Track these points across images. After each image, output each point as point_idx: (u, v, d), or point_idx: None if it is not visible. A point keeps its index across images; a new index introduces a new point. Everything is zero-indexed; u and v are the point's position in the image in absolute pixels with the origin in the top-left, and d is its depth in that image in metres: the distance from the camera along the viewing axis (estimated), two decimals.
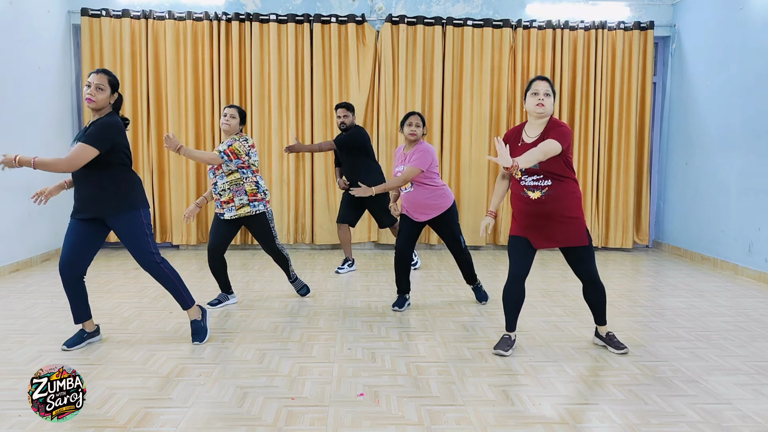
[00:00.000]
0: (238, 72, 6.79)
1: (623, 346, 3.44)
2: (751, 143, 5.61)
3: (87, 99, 3.24)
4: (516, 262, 3.39)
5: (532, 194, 3.23)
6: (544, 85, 3.22)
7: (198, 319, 3.61)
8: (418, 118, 4.28)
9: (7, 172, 5.08)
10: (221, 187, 4.17)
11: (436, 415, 2.62)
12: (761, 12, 5.50)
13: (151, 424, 2.52)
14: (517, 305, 3.45)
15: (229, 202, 4.19)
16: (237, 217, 4.23)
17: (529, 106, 3.26)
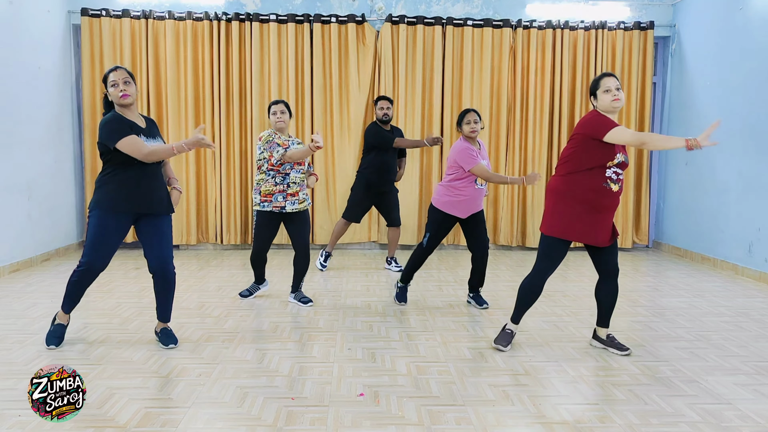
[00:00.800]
0: (238, 72, 6.79)
1: (626, 348, 3.44)
2: (751, 143, 5.61)
3: (122, 95, 3.23)
4: (550, 262, 3.39)
5: (614, 186, 3.25)
6: (614, 80, 3.25)
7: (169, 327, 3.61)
8: (476, 115, 4.29)
9: (9, 168, 5.07)
10: (293, 179, 4.29)
11: (436, 415, 2.62)
12: (761, 12, 5.50)
13: (151, 424, 2.52)
14: (533, 301, 3.48)
15: (295, 195, 4.31)
16: (297, 211, 4.33)
17: (606, 103, 3.24)
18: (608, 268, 3.40)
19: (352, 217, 5.75)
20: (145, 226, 3.39)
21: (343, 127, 6.89)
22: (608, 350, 3.48)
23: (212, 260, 6.31)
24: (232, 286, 5.06)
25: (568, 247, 3.37)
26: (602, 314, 3.50)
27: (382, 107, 5.57)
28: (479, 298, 4.48)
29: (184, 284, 5.12)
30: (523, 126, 7.01)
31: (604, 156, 3.20)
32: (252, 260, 4.53)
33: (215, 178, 6.85)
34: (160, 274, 3.43)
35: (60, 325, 3.51)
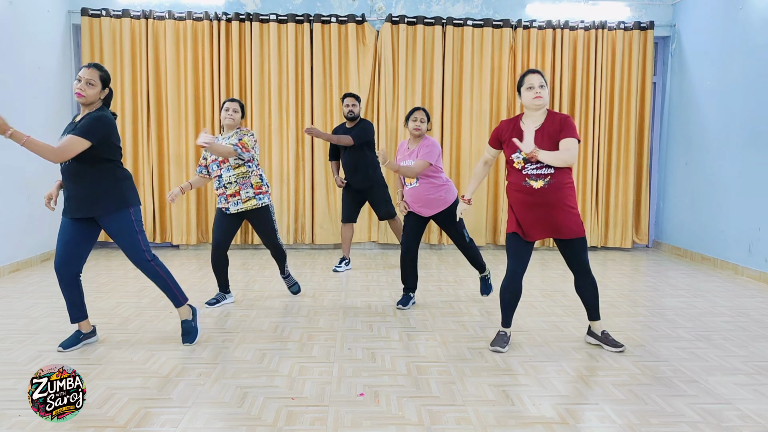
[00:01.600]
0: (238, 72, 6.79)
1: (620, 344, 3.45)
2: (751, 143, 5.61)
3: (76, 93, 3.22)
4: (514, 259, 3.42)
5: (534, 183, 3.25)
6: (538, 77, 3.28)
7: (189, 319, 3.60)
8: (423, 113, 4.30)
9: (9, 169, 5.08)
10: (227, 179, 4.18)
11: (436, 415, 2.62)
12: (761, 12, 5.50)
13: (151, 424, 2.52)
14: (514, 302, 3.48)
15: (236, 195, 4.20)
16: (243, 211, 4.24)
17: (527, 100, 3.30)
18: (577, 268, 3.43)
19: (345, 218, 5.77)
20: (104, 228, 3.38)
21: None
22: (603, 347, 3.48)
23: None
24: (232, 286, 5.06)
25: (525, 243, 3.39)
26: (588, 308, 3.53)
27: (347, 104, 5.55)
28: (484, 282, 4.62)
29: (184, 284, 5.10)
30: None
31: (506, 157, 3.38)
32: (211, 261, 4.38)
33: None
34: (139, 268, 3.44)
35: (77, 332, 3.51)
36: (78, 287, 3.44)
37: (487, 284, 4.63)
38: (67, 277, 3.38)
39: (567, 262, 3.46)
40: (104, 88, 3.30)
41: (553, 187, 3.24)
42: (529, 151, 3.13)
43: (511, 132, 3.37)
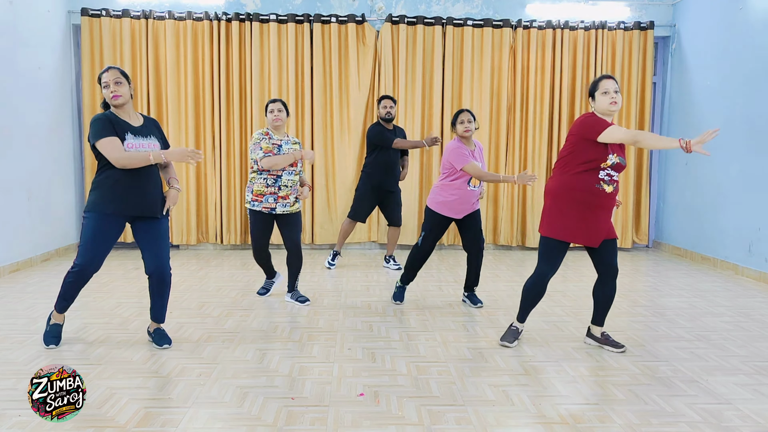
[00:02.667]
0: (238, 72, 6.79)
1: (621, 345, 3.45)
2: (751, 143, 5.61)
3: (113, 96, 3.23)
4: (550, 264, 3.40)
5: (607, 188, 3.27)
6: (613, 83, 3.27)
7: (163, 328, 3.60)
8: (470, 115, 4.29)
9: (9, 168, 5.09)
10: (285, 182, 4.26)
11: (436, 415, 2.62)
12: (761, 12, 5.50)
13: (151, 424, 2.52)
14: (536, 301, 3.51)
15: (286, 198, 4.28)
16: (288, 213, 4.34)
17: (603, 105, 3.27)
18: (606, 268, 3.41)
19: (357, 216, 5.77)
20: (141, 229, 3.39)
21: (343, 127, 6.89)
22: (604, 348, 3.49)
23: (212, 260, 6.31)
24: (232, 286, 5.06)
25: (566, 248, 3.39)
26: (598, 313, 3.52)
27: (385, 106, 5.59)
28: (473, 297, 4.50)
29: (184, 284, 5.12)
30: (523, 126, 7.01)
31: (597, 157, 3.23)
32: (256, 259, 4.59)
33: (215, 178, 6.85)
34: (157, 277, 3.42)
35: (56, 325, 3.50)
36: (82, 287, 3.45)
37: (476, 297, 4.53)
38: (89, 277, 3.36)
39: (600, 266, 3.43)
40: (130, 84, 3.33)
41: (615, 194, 3.33)
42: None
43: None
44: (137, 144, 3.26)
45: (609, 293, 3.45)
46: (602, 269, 3.42)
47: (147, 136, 3.34)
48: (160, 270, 3.40)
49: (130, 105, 3.34)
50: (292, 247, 4.43)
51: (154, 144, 3.33)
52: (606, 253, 3.39)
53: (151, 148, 3.30)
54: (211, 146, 6.82)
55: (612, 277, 3.42)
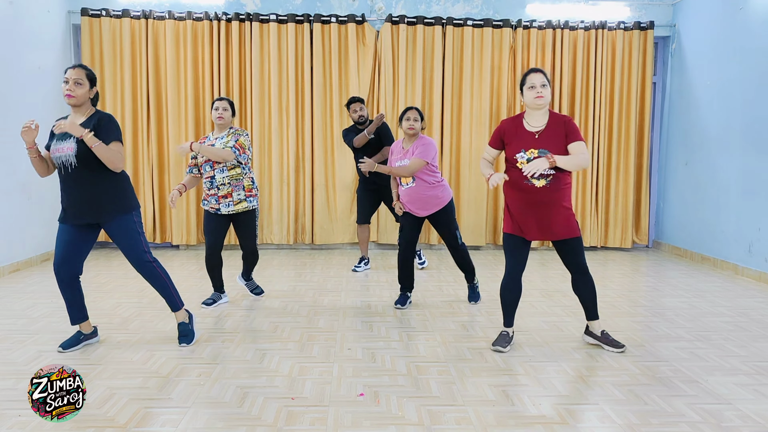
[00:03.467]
0: (238, 72, 6.79)
1: (621, 345, 3.45)
2: (751, 143, 5.61)
3: (66, 95, 3.19)
4: (512, 258, 3.44)
5: (537, 182, 3.27)
6: (540, 77, 3.28)
7: (186, 322, 3.60)
8: (416, 113, 4.31)
9: (9, 169, 5.07)
10: (220, 180, 4.15)
11: (436, 415, 2.62)
12: (761, 12, 5.50)
13: (151, 424, 2.52)
14: (514, 302, 3.50)
15: (228, 196, 4.18)
16: (234, 213, 4.22)
17: (528, 99, 3.31)
18: (574, 268, 3.45)
19: (360, 218, 5.76)
20: (108, 231, 3.38)
21: (342, 126, 6.88)
22: (604, 348, 3.48)
23: None
24: (231, 286, 5.06)
25: (522, 242, 3.41)
26: (585, 307, 3.54)
27: (354, 110, 5.52)
28: (472, 291, 4.57)
29: (184, 284, 5.12)
30: None
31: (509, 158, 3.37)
32: (206, 264, 4.34)
33: None
34: (140, 271, 3.43)
35: (78, 332, 3.50)
36: (78, 289, 3.44)
37: (476, 292, 4.58)
38: (67, 279, 3.37)
39: (564, 262, 3.48)
40: (92, 87, 3.28)
41: (554, 187, 3.27)
42: (541, 167, 3.14)
43: (514, 129, 3.37)
44: (55, 149, 3.22)
45: (585, 286, 3.47)
46: (569, 268, 3.48)
47: (65, 138, 3.21)
48: (137, 262, 3.39)
49: (85, 107, 3.27)
50: (244, 248, 4.42)
51: (68, 147, 3.17)
52: (566, 253, 3.42)
53: (64, 152, 3.18)
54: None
55: (581, 274, 3.45)
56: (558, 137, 3.27)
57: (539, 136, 3.28)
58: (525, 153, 3.27)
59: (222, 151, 4.05)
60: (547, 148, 3.25)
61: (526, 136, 3.30)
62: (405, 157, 4.27)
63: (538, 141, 3.27)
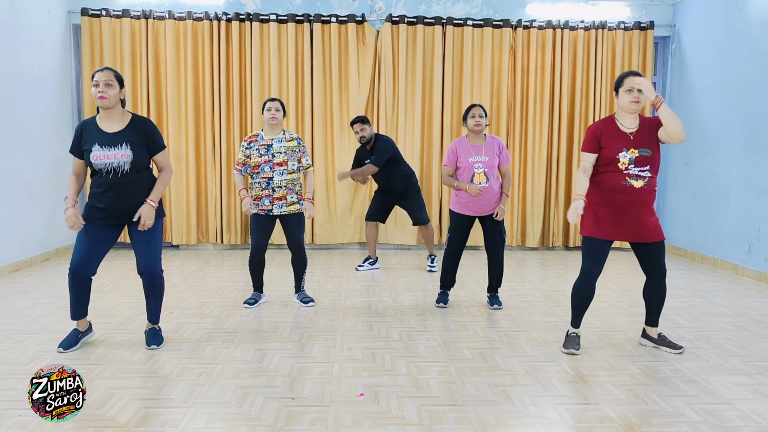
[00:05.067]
0: (238, 72, 6.79)
1: (679, 346, 3.46)
2: (751, 143, 5.61)
3: (99, 97, 3.20)
4: (592, 262, 3.42)
5: (636, 183, 3.26)
6: (639, 80, 3.25)
7: (158, 328, 3.60)
8: (481, 109, 4.30)
9: (9, 168, 5.07)
10: (278, 183, 4.21)
11: (436, 415, 2.62)
12: (761, 12, 5.50)
13: (151, 424, 2.52)
14: (585, 304, 3.49)
15: (282, 198, 4.25)
16: (286, 213, 4.29)
17: (624, 103, 3.28)
18: (653, 270, 3.42)
19: (372, 217, 5.77)
20: (132, 231, 3.39)
21: (343, 127, 6.89)
22: (662, 350, 3.48)
23: (212, 260, 6.31)
24: (232, 286, 5.07)
25: (603, 245, 3.39)
26: (650, 314, 3.53)
27: (356, 131, 5.53)
28: (492, 298, 4.47)
29: (184, 284, 5.12)
30: (523, 126, 7.01)
31: (607, 156, 3.31)
32: (250, 262, 4.42)
33: (215, 178, 6.85)
34: (147, 277, 3.42)
35: (75, 330, 3.50)
36: (88, 289, 3.44)
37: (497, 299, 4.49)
38: (82, 278, 3.36)
39: (643, 266, 3.45)
40: (121, 88, 3.31)
41: (650, 188, 3.29)
42: (653, 97, 3.15)
43: (612, 130, 3.34)
44: (103, 155, 3.23)
45: (657, 293, 3.46)
46: (649, 271, 3.44)
47: (116, 145, 3.24)
48: (149, 270, 3.40)
49: (117, 109, 3.30)
50: (293, 247, 4.41)
51: (123, 153, 3.23)
52: (651, 255, 3.39)
53: (117, 159, 3.22)
54: (211, 146, 6.82)
55: (660, 279, 3.43)
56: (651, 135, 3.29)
57: (634, 137, 3.28)
58: (627, 153, 3.27)
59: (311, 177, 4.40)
60: (646, 147, 3.26)
61: (624, 137, 3.29)
62: (479, 154, 4.24)
63: (634, 142, 3.27)
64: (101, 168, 3.26)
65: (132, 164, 3.26)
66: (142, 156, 3.31)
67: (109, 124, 3.29)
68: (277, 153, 4.22)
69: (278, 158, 4.22)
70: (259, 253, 4.38)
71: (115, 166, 3.24)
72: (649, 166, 3.27)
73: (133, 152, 3.26)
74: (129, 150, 3.25)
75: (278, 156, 4.22)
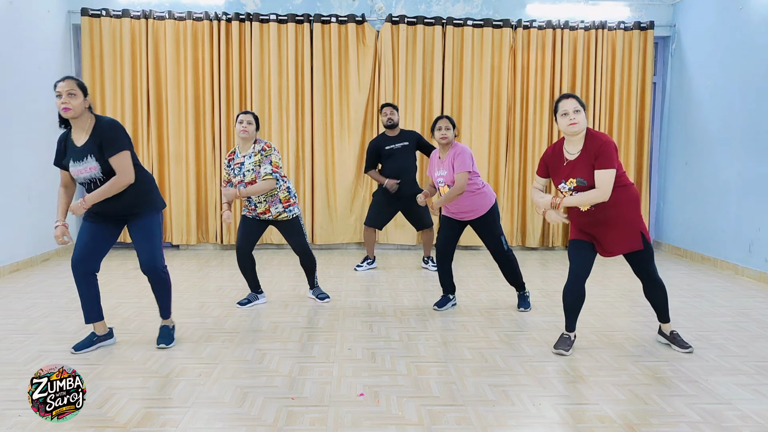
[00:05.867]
0: (238, 72, 6.79)
1: (688, 345, 3.47)
2: (751, 143, 5.61)
3: (63, 109, 3.13)
4: (576, 262, 3.43)
5: (582, 207, 3.31)
6: (572, 102, 3.21)
7: (170, 327, 3.60)
8: (447, 121, 4.27)
9: (9, 169, 5.06)
10: (257, 200, 4.18)
11: (436, 415, 2.62)
12: (761, 12, 5.50)
13: (151, 424, 2.52)
14: (577, 305, 3.48)
15: (266, 212, 4.22)
16: (273, 219, 4.27)
17: (563, 127, 3.26)
18: (642, 276, 3.46)
19: (371, 221, 5.75)
20: (130, 227, 3.40)
21: (343, 127, 6.89)
22: (672, 347, 3.50)
23: (212, 260, 6.31)
24: (232, 286, 5.07)
25: (588, 247, 3.41)
26: (656, 311, 3.57)
27: (385, 113, 5.58)
28: (520, 300, 4.41)
29: (184, 284, 5.12)
30: (523, 126, 7.02)
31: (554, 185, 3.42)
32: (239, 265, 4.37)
33: (215, 178, 6.85)
34: (150, 273, 3.42)
35: (91, 334, 3.47)
36: (94, 285, 3.42)
37: (526, 301, 4.42)
38: (83, 274, 3.36)
39: (634, 272, 3.48)
40: (85, 96, 3.23)
41: (600, 209, 3.26)
42: (554, 215, 3.33)
43: (557, 159, 3.35)
44: (76, 171, 3.23)
45: (656, 293, 3.48)
46: (639, 276, 3.49)
47: (83, 159, 3.20)
48: (151, 267, 3.39)
49: (84, 118, 3.23)
50: (298, 252, 4.43)
51: (90, 167, 3.18)
52: (634, 264, 3.43)
53: (87, 172, 3.20)
54: (211, 146, 6.82)
55: (651, 282, 3.45)
56: (588, 164, 3.21)
57: (567, 164, 3.27)
58: (566, 183, 3.28)
59: (265, 184, 4.04)
60: (581, 176, 3.22)
61: (567, 167, 3.28)
62: (442, 167, 4.22)
63: (570, 171, 3.26)
64: (81, 182, 3.29)
65: (103, 173, 3.21)
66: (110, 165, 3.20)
67: (78, 136, 3.25)
68: (246, 171, 4.10)
69: (248, 177, 4.09)
70: (243, 257, 4.32)
71: (90, 178, 3.23)
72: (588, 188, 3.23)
73: (99, 163, 3.18)
74: (94, 161, 3.18)
75: (248, 175, 4.09)
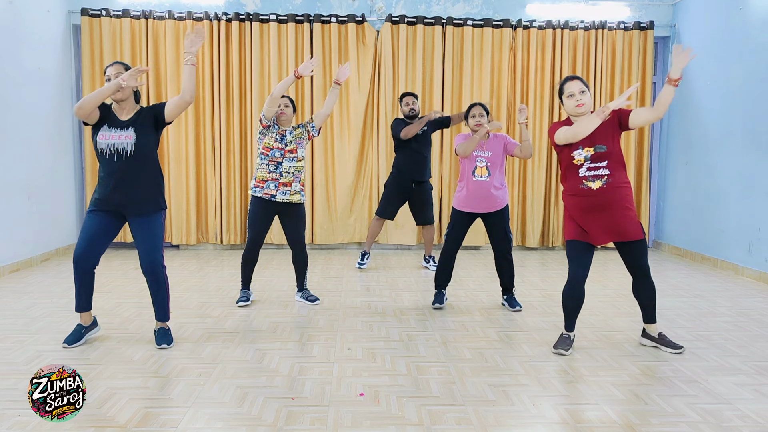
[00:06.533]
0: (238, 72, 6.79)
1: (679, 345, 3.45)
2: (751, 143, 5.61)
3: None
4: (575, 264, 3.42)
5: (593, 184, 3.27)
6: (578, 84, 3.27)
7: (167, 329, 3.59)
8: (481, 108, 4.27)
9: (9, 168, 5.06)
10: (286, 168, 4.25)
11: (436, 415, 2.62)
12: (761, 12, 5.50)
13: (151, 424, 2.52)
14: (576, 308, 3.47)
15: (288, 185, 4.27)
16: (287, 201, 4.28)
17: (570, 109, 3.30)
18: (635, 269, 3.42)
19: (385, 213, 5.75)
20: (134, 225, 3.43)
21: (342, 127, 6.89)
22: (662, 349, 3.47)
23: (212, 260, 6.31)
24: (232, 286, 5.07)
25: (586, 248, 3.39)
26: (643, 310, 3.52)
27: (407, 103, 5.58)
28: (511, 300, 4.40)
29: (184, 284, 5.12)
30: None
31: (566, 159, 3.34)
32: (244, 255, 4.40)
33: (215, 178, 6.85)
34: (149, 274, 3.44)
35: (78, 326, 3.52)
36: (91, 279, 3.48)
37: (516, 300, 4.43)
38: (84, 269, 3.41)
39: (626, 265, 3.45)
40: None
41: (612, 187, 3.25)
42: (676, 77, 3.49)
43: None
44: (108, 136, 3.30)
45: (645, 290, 3.46)
46: (631, 270, 3.45)
47: (123, 128, 3.33)
48: (152, 267, 3.41)
49: (130, 101, 3.39)
50: (295, 243, 4.41)
51: (127, 135, 3.31)
52: (630, 255, 3.39)
53: (120, 140, 3.30)
54: (211, 146, 6.82)
55: (643, 276, 3.42)
56: (611, 127, 3.27)
57: (591, 135, 3.26)
58: (582, 150, 3.28)
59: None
60: (602, 143, 3.25)
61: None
62: (483, 149, 4.21)
63: (589, 138, 3.26)
64: (104, 149, 3.30)
65: (135, 146, 3.30)
66: (146, 141, 3.35)
67: (121, 114, 3.39)
68: (289, 142, 4.29)
69: (290, 147, 4.28)
70: (257, 247, 4.37)
71: (118, 147, 3.30)
72: (606, 161, 3.26)
73: (137, 135, 3.32)
74: (133, 133, 3.32)
75: (290, 145, 4.29)
